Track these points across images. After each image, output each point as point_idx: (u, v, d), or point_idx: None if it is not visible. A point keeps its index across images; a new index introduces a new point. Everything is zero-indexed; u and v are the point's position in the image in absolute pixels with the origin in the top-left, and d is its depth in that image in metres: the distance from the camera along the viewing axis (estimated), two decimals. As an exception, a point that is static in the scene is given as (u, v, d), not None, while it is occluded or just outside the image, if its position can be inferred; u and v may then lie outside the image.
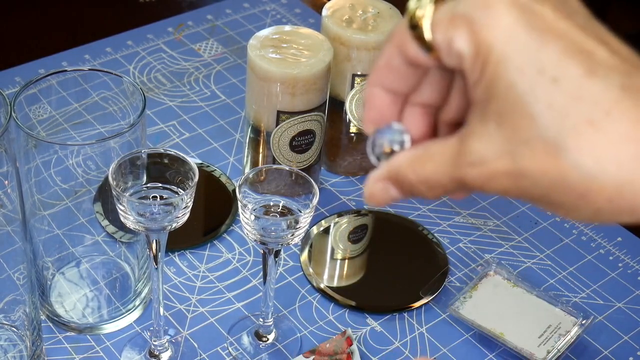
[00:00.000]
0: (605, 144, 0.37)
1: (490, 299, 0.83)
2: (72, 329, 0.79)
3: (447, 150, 0.42)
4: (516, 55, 0.38)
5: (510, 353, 0.79)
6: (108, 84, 0.76)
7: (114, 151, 0.70)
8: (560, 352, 0.79)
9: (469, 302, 0.82)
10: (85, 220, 0.79)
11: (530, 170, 0.39)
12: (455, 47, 0.40)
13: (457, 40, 0.40)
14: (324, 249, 0.89)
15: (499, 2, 0.39)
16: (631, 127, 0.37)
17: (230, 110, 1.04)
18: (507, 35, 0.39)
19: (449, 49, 0.41)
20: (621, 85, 0.38)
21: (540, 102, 0.38)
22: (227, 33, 1.15)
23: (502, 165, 0.40)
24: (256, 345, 0.79)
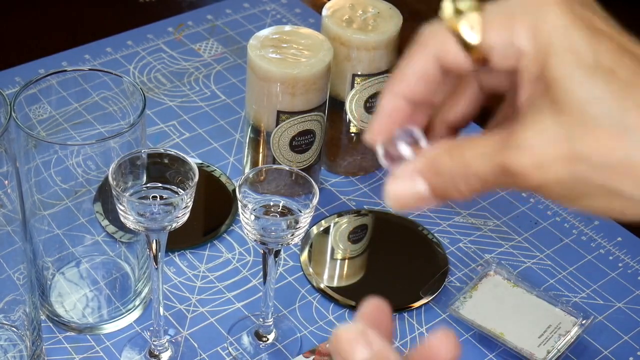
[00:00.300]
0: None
1: (490, 299, 0.83)
2: (72, 329, 0.79)
3: (491, 138, 0.41)
4: (574, 50, 0.39)
5: (510, 353, 0.79)
6: (108, 84, 0.76)
7: (114, 151, 0.70)
8: (560, 352, 0.79)
9: (469, 302, 0.82)
10: (85, 220, 0.79)
11: (590, 152, 0.39)
12: (517, 44, 0.41)
13: (518, 37, 0.41)
14: (324, 249, 0.89)
15: (552, 2, 0.40)
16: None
17: (230, 110, 1.04)
18: (564, 31, 0.40)
19: (508, 47, 0.41)
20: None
21: (599, 88, 0.39)
22: (227, 33, 1.15)
23: (558, 150, 0.39)
24: (256, 345, 0.79)
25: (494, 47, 0.41)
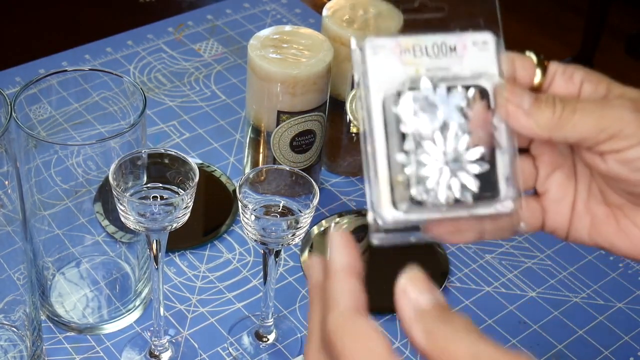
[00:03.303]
0: None
1: None
2: (72, 329, 0.79)
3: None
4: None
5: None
6: (108, 84, 0.76)
7: (114, 151, 0.70)
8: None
9: None
10: (86, 220, 0.79)
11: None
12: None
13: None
14: (324, 250, 0.89)
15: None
16: None
17: (230, 110, 1.04)
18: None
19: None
20: None
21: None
22: (227, 33, 1.15)
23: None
24: (256, 346, 0.79)
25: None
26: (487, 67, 0.50)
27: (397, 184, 0.48)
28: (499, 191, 0.49)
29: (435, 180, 0.48)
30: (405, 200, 0.48)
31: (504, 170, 0.49)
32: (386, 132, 0.48)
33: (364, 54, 0.49)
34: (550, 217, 0.53)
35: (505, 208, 0.49)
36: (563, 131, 0.48)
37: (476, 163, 0.48)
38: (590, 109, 0.48)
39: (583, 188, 0.53)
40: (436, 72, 0.49)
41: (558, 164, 0.53)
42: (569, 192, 0.53)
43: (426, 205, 0.48)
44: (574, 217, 0.53)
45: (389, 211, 0.48)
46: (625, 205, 0.52)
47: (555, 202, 0.53)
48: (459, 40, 0.50)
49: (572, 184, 0.53)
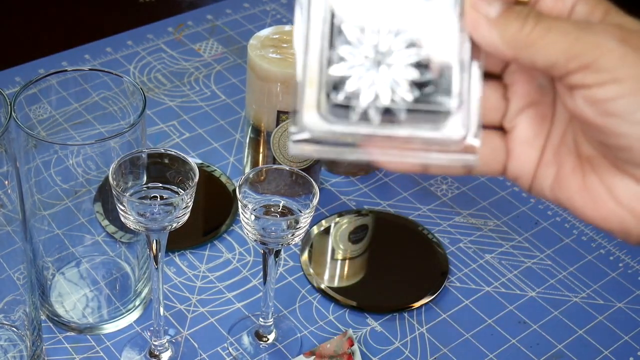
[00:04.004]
0: None
1: None
2: (72, 329, 0.79)
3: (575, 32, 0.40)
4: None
5: (511, 354, 0.79)
6: (108, 84, 0.76)
7: (114, 151, 0.70)
8: None
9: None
10: (86, 220, 0.79)
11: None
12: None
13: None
14: (325, 249, 0.89)
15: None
16: None
17: (230, 110, 1.04)
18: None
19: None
20: None
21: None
22: (227, 33, 1.15)
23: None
24: (256, 346, 0.79)
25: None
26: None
27: (322, 86, 0.40)
28: (449, 112, 0.40)
29: (359, 83, 0.40)
30: (327, 105, 0.40)
31: (459, 89, 0.41)
32: (323, 25, 0.41)
33: None
34: (514, 161, 0.45)
35: (454, 133, 0.40)
36: (530, 51, 0.40)
37: (416, 68, 0.41)
38: (567, 30, 0.39)
39: (557, 132, 0.45)
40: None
41: (533, 99, 0.45)
42: (541, 134, 0.45)
43: (353, 115, 0.40)
44: (540, 165, 0.45)
45: (310, 117, 0.40)
46: (596, 158, 0.43)
47: (522, 143, 0.45)
48: None
49: (546, 126, 0.45)
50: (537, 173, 0.45)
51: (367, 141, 0.41)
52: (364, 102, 0.40)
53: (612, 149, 0.41)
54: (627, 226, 0.43)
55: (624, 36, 0.39)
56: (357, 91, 0.40)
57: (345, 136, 0.40)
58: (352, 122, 0.40)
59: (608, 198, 0.43)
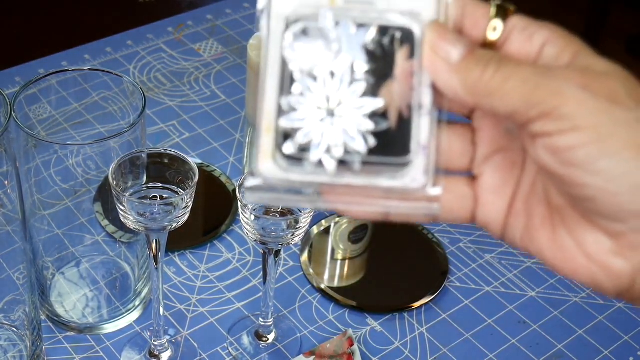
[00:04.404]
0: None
1: None
2: (72, 329, 0.79)
3: (536, 73, 0.39)
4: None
5: (511, 353, 0.79)
6: (108, 84, 0.76)
7: (114, 151, 0.70)
8: None
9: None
10: (85, 220, 0.79)
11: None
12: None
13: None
14: (324, 249, 0.89)
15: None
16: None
17: (230, 110, 1.04)
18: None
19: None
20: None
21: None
22: (227, 33, 1.15)
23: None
24: (256, 346, 0.79)
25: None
26: (422, 7, 0.40)
27: (277, 134, 0.39)
28: (408, 161, 0.39)
29: (310, 134, 0.39)
30: (281, 154, 0.39)
31: (419, 136, 0.39)
32: (280, 71, 0.39)
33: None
34: (482, 209, 0.43)
35: (414, 183, 0.39)
36: (491, 99, 0.38)
37: (370, 118, 0.39)
38: (527, 77, 0.38)
39: (527, 180, 0.42)
40: (355, 5, 0.40)
41: (501, 145, 0.43)
42: (510, 182, 0.43)
43: (307, 165, 0.39)
44: (510, 214, 0.43)
45: (265, 165, 0.39)
46: (566, 209, 0.41)
47: (489, 191, 0.43)
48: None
49: (515, 173, 0.43)
50: (507, 222, 0.43)
51: (324, 189, 0.40)
52: (315, 155, 0.39)
53: (577, 199, 0.40)
54: (598, 281, 0.41)
55: (586, 82, 0.38)
56: (308, 143, 0.39)
57: (300, 185, 0.39)
58: (307, 171, 0.39)
59: (577, 252, 0.41)
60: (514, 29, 0.41)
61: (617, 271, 0.40)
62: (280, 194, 0.40)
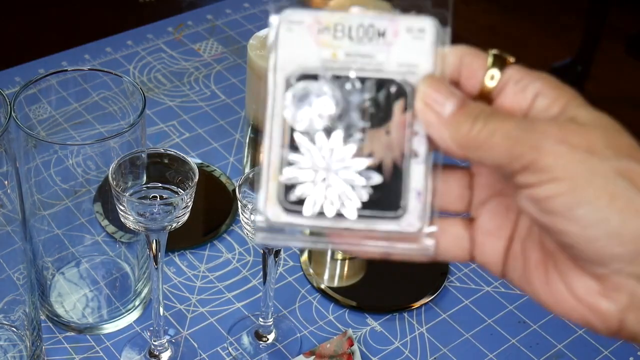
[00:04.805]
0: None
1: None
2: (72, 329, 0.79)
3: (520, 127, 0.41)
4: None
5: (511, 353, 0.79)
6: (108, 84, 0.76)
7: (113, 151, 0.70)
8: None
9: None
10: (85, 220, 0.79)
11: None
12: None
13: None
14: (324, 250, 0.89)
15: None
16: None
17: (230, 110, 1.04)
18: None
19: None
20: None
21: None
22: (227, 33, 1.15)
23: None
24: (256, 345, 0.79)
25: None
26: (419, 60, 0.42)
27: (280, 185, 0.42)
28: (404, 207, 0.42)
29: (309, 189, 0.42)
30: (286, 201, 0.42)
31: (416, 183, 0.42)
32: (282, 128, 0.42)
33: (278, 30, 0.43)
34: (479, 250, 0.46)
35: (410, 227, 0.42)
36: (478, 152, 0.41)
37: (365, 174, 0.42)
38: (510, 132, 0.40)
39: (524, 225, 0.45)
40: (355, 59, 0.42)
41: (497, 189, 0.45)
42: (506, 225, 0.45)
43: (308, 212, 0.42)
44: (508, 256, 0.45)
45: (272, 210, 0.42)
46: (557, 253, 0.43)
47: (485, 233, 0.45)
48: (390, 25, 0.42)
49: (511, 218, 0.45)
50: (506, 263, 0.45)
51: (327, 232, 0.43)
52: (314, 209, 0.42)
53: (561, 245, 0.42)
54: (589, 321, 0.43)
55: (564, 135, 0.40)
56: (308, 198, 0.42)
57: (303, 228, 0.42)
58: (309, 218, 0.42)
59: (568, 295, 0.43)
60: (509, 80, 0.43)
61: (604, 312, 0.42)
62: (287, 236, 0.43)
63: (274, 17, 0.43)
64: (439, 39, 0.42)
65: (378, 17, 0.43)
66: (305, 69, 0.43)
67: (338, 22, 0.43)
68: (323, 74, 0.42)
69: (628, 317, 0.42)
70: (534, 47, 2.33)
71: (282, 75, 0.43)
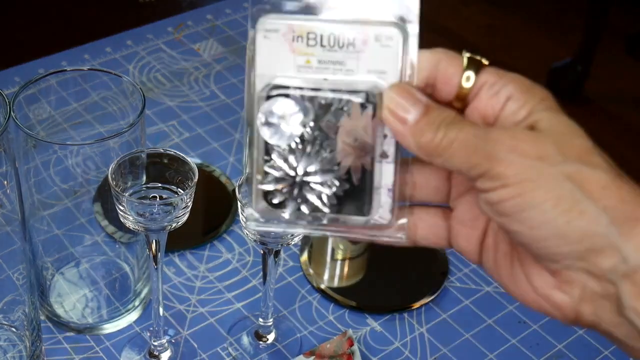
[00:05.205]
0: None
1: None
2: (71, 329, 0.79)
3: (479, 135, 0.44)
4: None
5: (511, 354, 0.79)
6: (107, 84, 0.76)
7: (113, 151, 0.70)
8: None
9: None
10: (85, 220, 0.79)
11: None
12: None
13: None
14: (324, 249, 0.89)
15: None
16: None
17: (230, 110, 1.04)
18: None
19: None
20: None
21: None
22: (227, 33, 1.15)
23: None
24: (256, 346, 0.79)
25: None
26: (386, 67, 0.45)
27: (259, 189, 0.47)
28: (372, 201, 0.46)
29: (286, 193, 0.46)
30: (270, 200, 0.46)
31: (386, 180, 0.46)
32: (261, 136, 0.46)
33: (255, 37, 0.45)
34: (456, 239, 0.49)
35: (382, 220, 0.47)
36: (440, 159, 0.44)
37: (333, 183, 0.46)
38: (467, 142, 0.43)
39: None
40: (328, 66, 0.45)
41: (472, 185, 0.47)
42: (480, 217, 0.48)
43: (286, 215, 0.46)
44: (483, 247, 0.49)
45: (260, 205, 0.47)
46: (520, 249, 0.47)
47: (460, 223, 0.49)
48: (359, 33, 0.45)
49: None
50: (481, 252, 0.49)
51: (307, 230, 0.47)
52: (291, 211, 0.46)
53: (517, 243, 0.46)
54: (547, 312, 0.46)
55: (515, 144, 0.43)
56: (286, 202, 0.46)
57: (289, 221, 0.47)
58: (290, 219, 0.47)
59: (528, 286, 0.47)
60: (484, 84, 0.45)
61: (560, 303, 0.45)
62: (280, 224, 0.47)
63: (250, 21, 0.46)
64: (407, 46, 0.45)
65: (348, 26, 0.45)
66: (281, 76, 0.45)
67: (310, 31, 0.45)
68: (293, 89, 0.45)
69: (583, 308, 0.45)
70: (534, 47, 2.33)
71: (260, 82, 0.45)
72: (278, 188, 0.46)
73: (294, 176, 0.46)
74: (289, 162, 0.46)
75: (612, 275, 0.43)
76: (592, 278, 0.44)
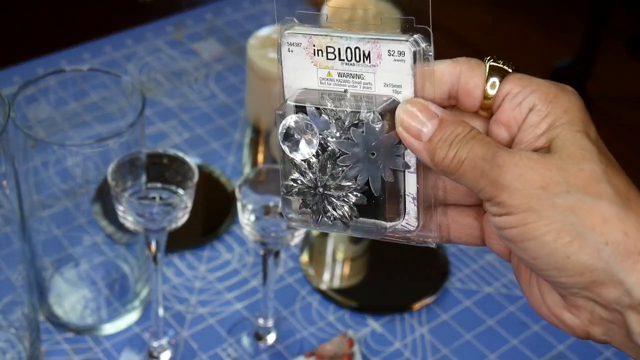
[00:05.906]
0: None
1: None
2: (70, 330, 0.79)
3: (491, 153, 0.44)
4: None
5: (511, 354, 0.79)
6: (107, 84, 0.76)
7: (113, 151, 0.70)
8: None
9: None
10: (84, 221, 0.79)
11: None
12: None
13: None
14: (325, 250, 0.89)
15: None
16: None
17: (229, 110, 1.03)
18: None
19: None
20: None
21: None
22: (227, 33, 1.15)
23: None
24: (256, 347, 0.79)
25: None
26: (401, 81, 0.46)
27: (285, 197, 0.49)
28: (399, 209, 0.48)
29: (309, 200, 0.48)
30: (296, 210, 0.49)
31: (410, 189, 0.47)
32: (284, 154, 0.48)
33: (281, 51, 0.47)
34: (488, 238, 0.50)
35: (409, 226, 0.48)
36: (453, 177, 0.45)
37: (355, 193, 0.47)
38: (475, 164, 0.44)
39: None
40: (348, 79, 0.46)
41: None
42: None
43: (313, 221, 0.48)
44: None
45: (292, 208, 0.49)
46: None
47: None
48: (374, 48, 0.46)
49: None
50: (511, 255, 0.49)
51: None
52: (317, 219, 0.48)
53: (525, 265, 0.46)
54: (560, 328, 0.47)
55: (521, 172, 0.43)
56: (311, 209, 0.48)
57: (314, 229, 0.49)
58: (316, 224, 0.48)
59: (542, 302, 0.47)
60: (507, 94, 0.45)
61: (570, 324, 0.46)
62: (312, 224, 0.49)
63: (279, 34, 0.48)
64: (420, 59, 0.45)
65: (362, 40, 0.46)
66: (305, 89, 0.47)
67: (329, 45, 0.46)
68: (310, 107, 0.46)
69: (593, 330, 0.45)
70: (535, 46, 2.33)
71: (288, 94, 0.47)
72: (301, 200, 0.48)
73: (315, 187, 0.47)
74: (309, 175, 0.47)
75: (617, 306, 0.43)
76: (599, 306, 0.44)
